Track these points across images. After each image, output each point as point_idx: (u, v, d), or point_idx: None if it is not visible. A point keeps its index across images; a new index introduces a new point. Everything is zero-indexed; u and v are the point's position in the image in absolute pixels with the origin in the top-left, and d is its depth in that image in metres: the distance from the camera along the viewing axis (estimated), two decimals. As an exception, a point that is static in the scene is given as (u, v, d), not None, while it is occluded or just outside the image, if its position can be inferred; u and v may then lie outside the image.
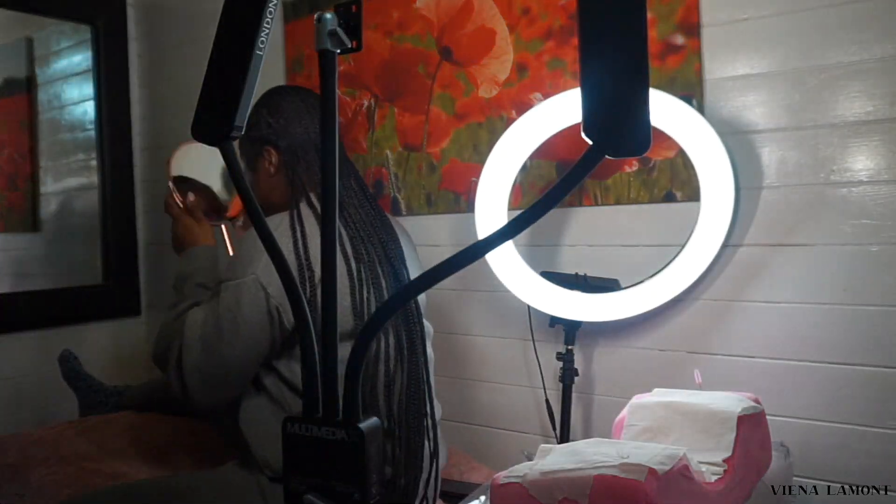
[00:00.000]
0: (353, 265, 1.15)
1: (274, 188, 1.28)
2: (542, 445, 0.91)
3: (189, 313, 1.16)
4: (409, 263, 1.26)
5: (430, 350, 1.28)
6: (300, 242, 1.12)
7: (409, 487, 1.15)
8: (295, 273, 1.10)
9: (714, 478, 0.92)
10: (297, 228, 1.13)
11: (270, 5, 0.58)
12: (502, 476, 0.85)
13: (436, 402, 1.25)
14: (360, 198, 1.25)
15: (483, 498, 1.06)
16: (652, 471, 0.77)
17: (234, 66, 0.58)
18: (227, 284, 1.13)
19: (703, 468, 0.92)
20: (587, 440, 0.93)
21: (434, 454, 1.20)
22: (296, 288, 0.58)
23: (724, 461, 0.94)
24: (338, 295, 1.13)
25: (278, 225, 1.14)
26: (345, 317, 1.13)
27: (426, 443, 1.18)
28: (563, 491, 0.79)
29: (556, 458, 0.85)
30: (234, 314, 1.10)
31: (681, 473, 0.81)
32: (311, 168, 1.23)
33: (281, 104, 1.26)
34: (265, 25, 0.58)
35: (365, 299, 1.14)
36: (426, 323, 1.27)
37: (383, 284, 1.18)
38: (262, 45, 0.58)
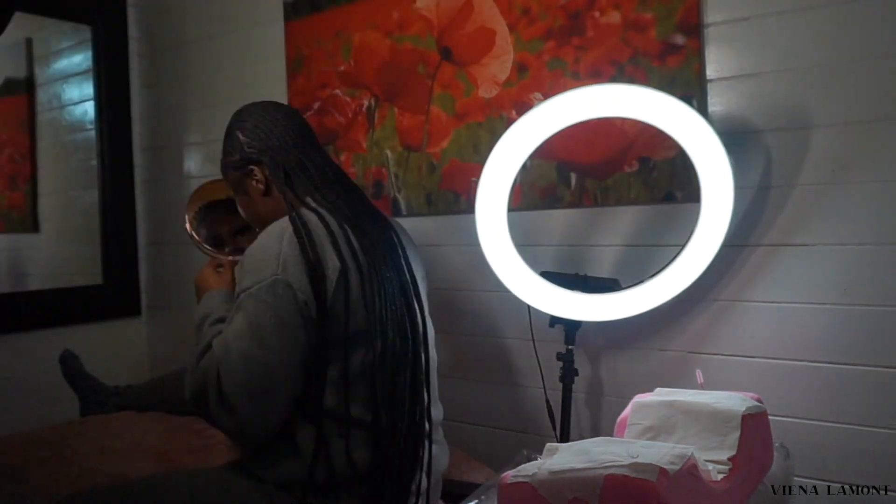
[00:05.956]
0: (363, 259, 1.13)
1: (272, 206, 1.25)
2: (549, 444, 0.91)
3: (214, 342, 1.08)
4: (413, 263, 1.26)
5: (433, 352, 1.27)
6: (307, 247, 1.09)
7: (400, 490, 1.14)
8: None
9: (720, 476, 0.92)
10: (303, 233, 1.10)
11: None
12: (511, 475, 0.85)
13: (435, 404, 1.25)
14: (358, 193, 1.26)
15: (483, 497, 1.06)
16: (663, 470, 0.77)
17: None
18: (248, 293, 1.06)
19: (710, 466, 0.92)
20: (594, 439, 0.92)
21: (428, 456, 1.18)
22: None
23: (729, 459, 0.94)
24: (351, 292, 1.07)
25: (283, 232, 1.10)
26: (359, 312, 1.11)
27: (423, 445, 1.17)
28: (573, 490, 0.78)
29: (564, 458, 0.85)
30: (266, 316, 1.04)
31: (689, 472, 0.81)
32: (299, 175, 1.23)
33: (250, 122, 1.26)
34: None
35: (375, 295, 1.11)
36: (430, 326, 1.27)
37: (387, 276, 1.17)
38: None
